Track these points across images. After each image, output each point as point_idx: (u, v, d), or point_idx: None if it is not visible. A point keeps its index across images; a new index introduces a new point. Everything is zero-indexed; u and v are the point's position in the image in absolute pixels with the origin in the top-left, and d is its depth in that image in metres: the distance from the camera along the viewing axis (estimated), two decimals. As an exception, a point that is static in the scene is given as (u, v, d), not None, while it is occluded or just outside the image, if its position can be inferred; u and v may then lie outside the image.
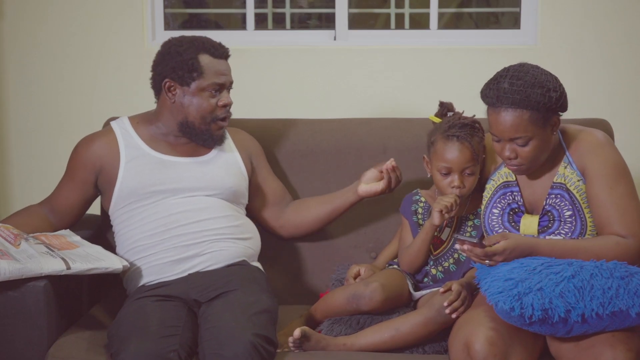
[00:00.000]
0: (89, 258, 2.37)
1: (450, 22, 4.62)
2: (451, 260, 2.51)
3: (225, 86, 2.57)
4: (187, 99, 2.54)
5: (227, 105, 2.58)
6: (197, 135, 2.57)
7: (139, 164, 2.55)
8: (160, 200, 2.52)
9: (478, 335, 2.10)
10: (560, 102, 2.23)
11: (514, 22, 3.90)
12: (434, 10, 3.57)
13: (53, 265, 2.27)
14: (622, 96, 3.43)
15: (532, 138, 2.23)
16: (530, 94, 2.19)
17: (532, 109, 2.20)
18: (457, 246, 2.21)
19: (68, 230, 2.56)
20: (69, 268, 2.29)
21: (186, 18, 4.18)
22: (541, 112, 2.21)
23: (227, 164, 2.62)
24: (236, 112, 2.97)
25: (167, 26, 3.65)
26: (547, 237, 2.29)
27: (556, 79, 2.25)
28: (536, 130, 2.22)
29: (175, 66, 2.53)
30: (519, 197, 2.37)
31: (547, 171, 2.35)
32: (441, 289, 2.34)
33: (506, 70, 2.25)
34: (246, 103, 3.47)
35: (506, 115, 2.21)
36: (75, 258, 2.33)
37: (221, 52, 2.58)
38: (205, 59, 2.54)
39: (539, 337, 2.20)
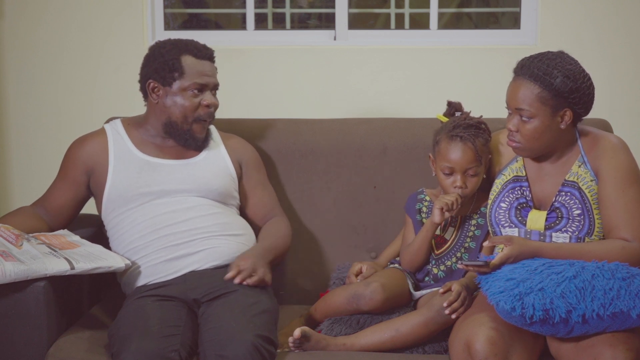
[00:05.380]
0: (92, 257, 2.37)
1: (450, 22, 4.62)
2: (454, 259, 2.51)
3: (208, 87, 2.58)
4: (170, 99, 2.56)
5: (211, 106, 2.58)
6: (180, 136, 2.59)
7: (126, 166, 2.56)
8: (147, 202, 2.53)
9: (478, 335, 2.10)
10: (574, 95, 2.25)
11: (514, 22, 3.90)
12: (433, 10, 3.57)
13: (57, 266, 2.27)
14: (622, 96, 3.43)
15: (536, 117, 2.27)
16: (549, 73, 2.24)
17: (544, 87, 2.24)
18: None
19: (66, 230, 2.56)
20: (72, 268, 2.29)
21: (186, 18, 4.18)
22: (551, 95, 2.24)
23: (214, 166, 2.63)
24: (236, 112, 2.98)
25: (167, 26, 3.65)
26: (554, 234, 2.30)
27: (585, 77, 2.28)
28: (542, 111, 2.26)
29: (157, 67, 2.56)
30: (527, 192, 2.38)
31: (559, 168, 2.36)
32: (441, 290, 2.34)
33: (545, 51, 2.32)
34: (246, 103, 3.48)
35: (520, 85, 2.28)
36: (78, 258, 2.33)
37: (204, 54, 2.60)
38: (187, 60, 2.56)
39: (539, 337, 2.20)
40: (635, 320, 2.06)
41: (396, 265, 2.59)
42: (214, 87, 2.61)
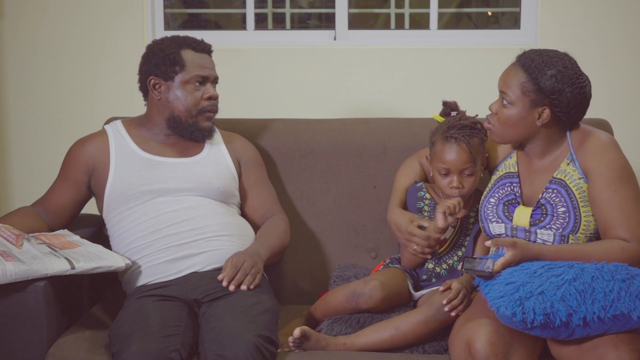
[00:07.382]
0: (92, 257, 2.37)
1: (450, 23, 4.62)
2: (455, 258, 2.52)
3: (209, 79, 2.60)
4: (172, 93, 2.57)
5: (212, 98, 2.60)
6: (185, 129, 2.60)
7: (127, 165, 2.56)
8: (149, 201, 2.53)
9: (479, 335, 2.10)
10: (555, 96, 2.25)
11: (514, 22, 3.90)
12: (433, 10, 3.57)
13: (58, 266, 2.27)
14: (622, 96, 3.43)
15: (514, 104, 2.29)
16: (541, 68, 2.26)
17: (530, 79, 2.26)
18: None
19: (66, 230, 2.56)
20: (73, 268, 2.29)
21: (186, 18, 4.18)
22: (534, 88, 2.26)
23: (216, 165, 2.63)
24: (236, 112, 2.98)
25: (167, 26, 3.65)
26: (538, 231, 2.30)
27: (576, 84, 2.26)
28: (520, 100, 2.28)
29: (158, 62, 2.58)
30: (517, 189, 2.38)
31: (548, 166, 2.36)
32: (441, 288, 2.35)
33: (551, 49, 2.34)
34: (246, 103, 3.48)
35: (511, 70, 2.32)
36: (79, 257, 2.33)
37: (203, 47, 2.63)
38: (187, 53, 2.58)
39: (539, 338, 2.20)
40: (636, 322, 2.06)
41: (396, 265, 2.59)
42: (214, 80, 2.63)
